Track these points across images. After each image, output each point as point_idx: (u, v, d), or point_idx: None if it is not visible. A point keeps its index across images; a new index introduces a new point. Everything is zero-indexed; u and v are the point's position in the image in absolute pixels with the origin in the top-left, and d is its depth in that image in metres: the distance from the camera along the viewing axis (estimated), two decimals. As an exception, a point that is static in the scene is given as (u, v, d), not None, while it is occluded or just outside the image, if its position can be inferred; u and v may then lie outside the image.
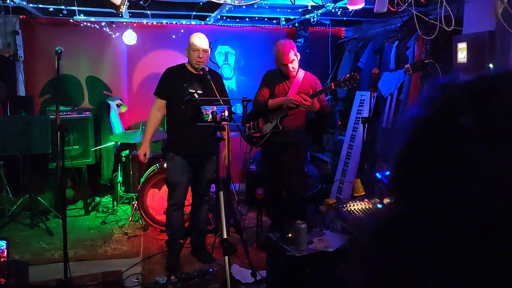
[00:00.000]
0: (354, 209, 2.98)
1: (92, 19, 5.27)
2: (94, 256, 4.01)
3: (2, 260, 1.43)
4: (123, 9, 2.79)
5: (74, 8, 4.58)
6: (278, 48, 3.81)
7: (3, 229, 4.54)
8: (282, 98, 3.79)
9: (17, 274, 1.76)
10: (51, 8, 4.69)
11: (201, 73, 3.63)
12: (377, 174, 3.34)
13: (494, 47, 3.15)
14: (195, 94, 3.61)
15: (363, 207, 3.01)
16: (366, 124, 3.79)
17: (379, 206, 2.99)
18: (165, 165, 4.44)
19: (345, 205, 3.01)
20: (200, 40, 3.60)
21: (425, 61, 3.25)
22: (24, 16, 5.25)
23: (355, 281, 0.60)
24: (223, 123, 3.03)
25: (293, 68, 3.81)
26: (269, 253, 3.31)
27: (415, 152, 0.54)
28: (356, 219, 2.76)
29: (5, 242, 2.25)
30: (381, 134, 4.53)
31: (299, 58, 3.87)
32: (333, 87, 3.63)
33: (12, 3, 4.40)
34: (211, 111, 2.96)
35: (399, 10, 3.06)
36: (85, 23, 5.42)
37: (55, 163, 4.79)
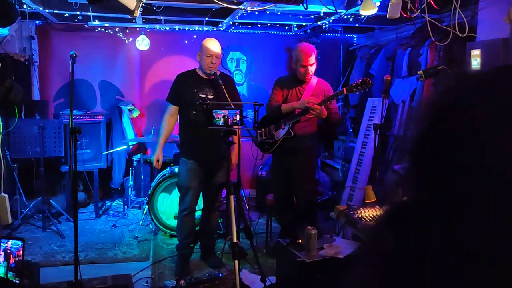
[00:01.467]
0: (365, 215, 2.96)
1: (107, 24, 5.34)
2: (104, 259, 4.03)
3: (18, 259, 1.45)
4: (137, 13, 2.82)
5: (89, 13, 4.65)
6: (301, 49, 3.81)
7: (15, 231, 4.59)
8: (297, 102, 3.79)
9: (29, 275, 1.78)
10: (67, 13, 4.76)
11: (212, 77, 3.64)
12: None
13: (508, 54, 3.12)
14: (206, 99, 3.63)
15: (374, 214, 2.98)
16: (378, 131, 3.78)
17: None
18: (176, 169, 4.46)
19: (356, 212, 2.99)
20: (214, 46, 3.62)
21: (438, 68, 3.23)
22: (40, 21, 5.33)
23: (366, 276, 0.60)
24: (234, 127, 3.03)
25: (311, 71, 3.82)
26: (279, 258, 3.30)
27: (431, 141, 0.54)
28: (367, 227, 2.74)
29: (21, 242, 2.28)
30: (394, 141, 4.50)
31: (316, 65, 3.88)
32: (345, 92, 3.61)
33: (28, 8, 4.48)
34: (222, 115, 2.97)
35: (412, 16, 3.05)
36: (99, 29, 5.50)
37: (68, 167, 4.83)
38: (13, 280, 1.40)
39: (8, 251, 1.45)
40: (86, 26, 5.38)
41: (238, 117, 2.97)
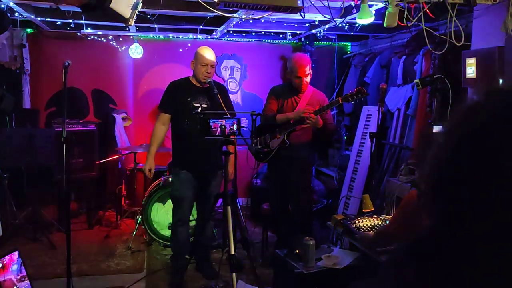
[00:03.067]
0: (363, 225, 2.93)
1: (100, 32, 5.30)
2: (97, 271, 3.95)
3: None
4: (132, 22, 2.78)
5: (81, 21, 4.61)
6: (296, 60, 3.80)
7: (6, 242, 4.48)
8: (293, 112, 3.77)
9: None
10: (59, 21, 4.71)
11: (206, 86, 3.60)
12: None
13: (504, 63, 3.13)
14: (200, 108, 3.59)
15: (372, 224, 2.95)
16: (374, 139, 3.76)
17: (387, 222, 2.93)
18: (170, 179, 4.41)
19: (353, 221, 2.96)
20: (208, 55, 3.58)
21: (435, 76, 3.23)
22: (31, 29, 5.27)
23: None
24: (231, 137, 3.00)
25: (306, 82, 3.81)
26: (276, 269, 3.25)
27: (461, 164, 0.50)
28: (366, 238, 2.71)
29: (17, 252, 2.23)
30: (389, 149, 4.48)
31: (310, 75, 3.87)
32: (340, 102, 3.59)
33: (20, 16, 4.43)
34: (219, 124, 2.93)
35: (408, 24, 3.05)
36: (92, 37, 5.45)
37: (59, 176, 4.75)
38: None
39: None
40: (78, 34, 5.33)
41: (235, 127, 2.94)
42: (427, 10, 3.10)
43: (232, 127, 2.93)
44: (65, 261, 3.03)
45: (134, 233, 4.69)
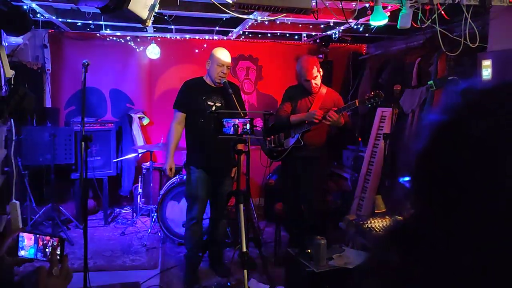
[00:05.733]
0: (375, 226, 2.94)
1: (118, 33, 5.40)
2: (112, 267, 4.03)
3: (48, 242, 1.45)
4: (149, 23, 2.85)
5: (101, 22, 4.72)
6: (302, 64, 3.83)
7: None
8: (305, 113, 3.80)
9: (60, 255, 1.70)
10: (79, 22, 4.83)
11: (220, 86, 3.66)
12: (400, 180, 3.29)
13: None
14: (214, 107, 3.64)
15: (384, 224, 2.97)
16: (388, 141, 3.76)
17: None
18: (184, 178, 4.47)
19: (365, 222, 2.98)
20: (225, 56, 3.64)
21: (449, 78, 3.22)
22: (52, 30, 5.41)
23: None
24: (244, 136, 3.04)
25: (315, 84, 3.82)
26: (288, 268, 3.28)
27: (435, 158, 0.53)
28: (377, 238, 2.72)
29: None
30: (403, 151, 4.47)
31: (321, 74, 3.88)
32: (357, 104, 3.61)
33: (42, 17, 4.55)
34: (233, 123, 2.98)
35: (422, 26, 3.05)
36: (110, 37, 5.57)
37: (78, 174, 4.87)
38: (41, 260, 1.42)
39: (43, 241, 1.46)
40: (98, 34, 5.44)
41: (248, 126, 2.98)
42: (442, 12, 3.10)
43: (245, 126, 2.98)
44: (82, 256, 3.11)
45: (149, 230, 4.77)
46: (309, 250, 2.94)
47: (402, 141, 4.49)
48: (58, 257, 1.36)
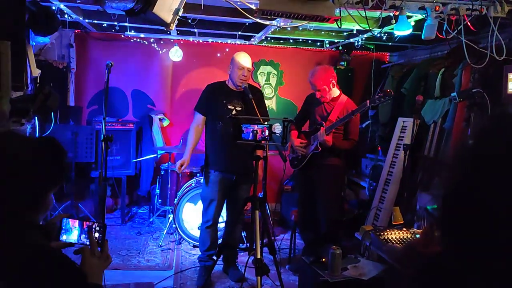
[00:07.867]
0: (392, 238, 2.90)
1: (142, 35, 5.48)
2: (128, 266, 4.07)
3: (92, 225, 1.54)
4: (173, 27, 2.89)
5: (126, 24, 4.80)
6: (308, 77, 3.91)
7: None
8: (293, 141, 3.98)
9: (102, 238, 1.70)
10: (105, 24, 4.92)
11: (241, 90, 3.68)
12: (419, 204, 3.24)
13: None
14: (234, 111, 3.66)
15: (401, 237, 2.92)
16: (408, 151, 3.71)
17: (418, 236, 2.89)
18: (201, 180, 4.50)
19: (382, 233, 2.94)
20: (245, 60, 3.66)
21: (473, 90, 3.16)
22: (78, 30, 5.52)
23: None
24: (262, 142, 3.04)
25: (322, 96, 3.83)
26: (302, 276, 3.26)
27: (469, 188, 0.50)
28: (394, 251, 2.68)
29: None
30: (423, 163, 4.40)
31: (334, 83, 3.86)
32: (368, 104, 3.57)
33: (69, 18, 4.66)
34: (251, 129, 2.98)
35: (447, 37, 3.01)
36: (134, 39, 5.65)
37: (98, 172, 4.94)
38: (84, 242, 1.51)
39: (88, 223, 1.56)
40: (122, 36, 5.53)
41: (267, 132, 2.98)
42: (468, 23, 3.05)
43: (263, 133, 2.98)
44: (98, 254, 3.15)
45: (165, 231, 4.81)
46: (323, 259, 2.92)
47: (422, 153, 4.42)
48: (98, 241, 1.50)
